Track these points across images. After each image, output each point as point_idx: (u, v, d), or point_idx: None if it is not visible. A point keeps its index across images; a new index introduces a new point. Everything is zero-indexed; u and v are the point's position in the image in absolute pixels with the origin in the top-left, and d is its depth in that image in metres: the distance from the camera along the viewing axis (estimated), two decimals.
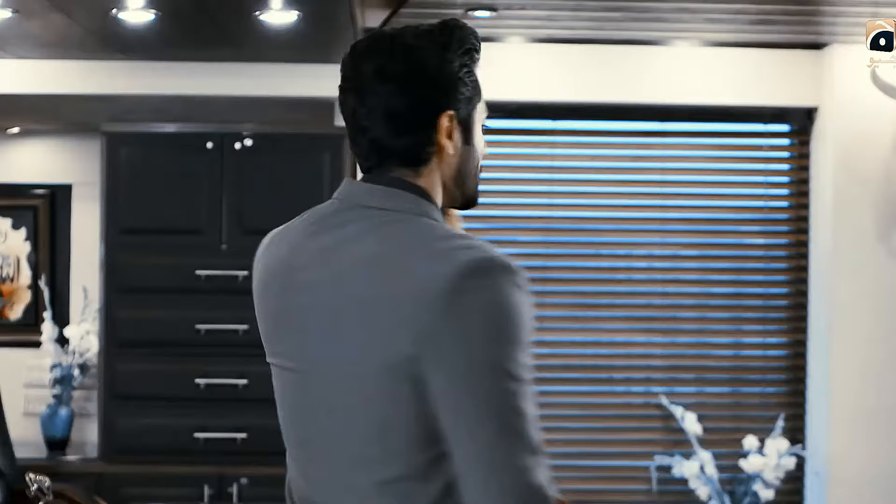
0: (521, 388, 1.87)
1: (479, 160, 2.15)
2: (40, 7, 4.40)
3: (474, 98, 2.11)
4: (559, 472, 6.24)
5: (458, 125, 2.07)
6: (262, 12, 4.54)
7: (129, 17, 4.64)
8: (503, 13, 5.29)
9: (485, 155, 2.16)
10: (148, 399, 5.85)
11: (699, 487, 6.05)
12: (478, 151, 2.14)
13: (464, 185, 2.13)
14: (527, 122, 6.32)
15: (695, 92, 6.18)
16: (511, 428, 1.85)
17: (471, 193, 2.15)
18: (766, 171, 6.42)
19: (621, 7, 5.33)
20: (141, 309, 5.82)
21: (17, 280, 6.46)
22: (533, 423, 1.87)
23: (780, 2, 5.21)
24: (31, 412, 6.32)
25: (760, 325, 6.37)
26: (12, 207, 6.45)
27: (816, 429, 6.21)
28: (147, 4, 4.43)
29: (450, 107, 2.06)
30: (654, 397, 6.25)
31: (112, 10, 4.50)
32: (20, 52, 5.63)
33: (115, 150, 5.85)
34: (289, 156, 5.84)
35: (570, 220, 6.35)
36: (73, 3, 4.42)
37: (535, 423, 1.88)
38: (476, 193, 2.16)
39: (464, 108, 2.09)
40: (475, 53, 2.10)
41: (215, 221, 5.83)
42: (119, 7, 4.47)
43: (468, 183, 2.13)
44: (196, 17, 4.75)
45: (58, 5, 4.42)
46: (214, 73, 5.90)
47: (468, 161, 2.12)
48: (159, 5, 4.47)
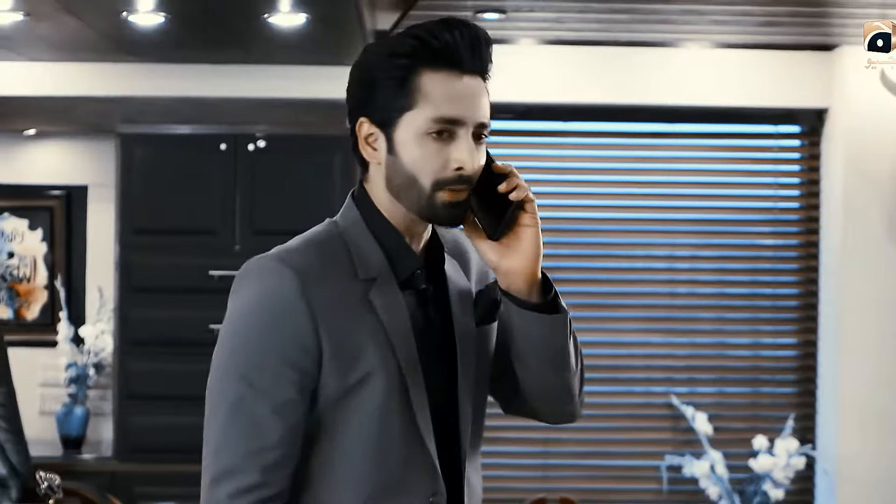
0: (241, 389, 2.00)
1: (415, 175, 2.02)
2: (51, 10, 4.45)
3: (401, 105, 2.01)
4: (571, 472, 6.30)
5: (381, 133, 2.04)
6: (271, 15, 4.59)
7: (139, 20, 4.70)
8: (512, 15, 5.34)
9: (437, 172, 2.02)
10: (162, 398, 5.91)
11: (709, 487, 6.07)
12: (406, 164, 2.02)
13: (399, 198, 2.05)
14: (536, 124, 6.37)
15: (705, 93, 6.21)
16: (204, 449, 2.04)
17: (415, 208, 2.04)
18: (777, 172, 6.44)
19: (628, 9, 5.37)
20: (155, 309, 5.88)
21: (33, 280, 6.52)
22: (244, 429, 2.00)
23: (785, 3, 5.25)
24: (47, 411, 6.38)
25: (771, 325, 6.40)
26: (29, 208, 6.51)
27: (826, 429, 6.23)
28: (157, 7, 4.49)
29: (364, 113, 2.05)
30: (665, 397, 6.27)
31: (122, 13, 4.56)
32: (34, 55, 5.70)
33: (129, 152, 5.92)
34: (301, 157, 5.89)
35: (579, 221, 6.39)
36: (83, 6, 4.48)
37: (248, 429, 2.00)
38: (428, 210, 2.03)
39: (379, 115, 2.03)
40: (412, 60, 2.01)
41: (228, 222, 5.88)
42: (129, 10, 4.53)
43: (404, 196, 2.04)
44: (205, 20, 4.80)
45: (68, 8, 4.48)
46: (227, 75, 5.96)
47: (394, 173, 2.04)
48: (169, 8, 4.52)
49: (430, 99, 1.99)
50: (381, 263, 2.07)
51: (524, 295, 2.07)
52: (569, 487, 6.19)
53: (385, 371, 2.02)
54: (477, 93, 2.03)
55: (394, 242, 2.09)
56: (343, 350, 2.01)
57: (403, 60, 2.00)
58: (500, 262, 2.06)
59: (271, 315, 2.00)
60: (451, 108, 2.00)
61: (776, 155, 6.46)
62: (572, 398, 2.19)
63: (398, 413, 2.03)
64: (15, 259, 6.52)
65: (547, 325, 2.07)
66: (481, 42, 2.04)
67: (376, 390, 2.02)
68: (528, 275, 2.06)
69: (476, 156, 2.04)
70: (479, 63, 2.04)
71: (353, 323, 2.02)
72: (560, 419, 2.25)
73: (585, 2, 5.20)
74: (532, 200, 2.06)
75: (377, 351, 2.02)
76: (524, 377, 2.16)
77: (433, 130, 2.00)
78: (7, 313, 6.49)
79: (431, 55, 1.99)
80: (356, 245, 2.08)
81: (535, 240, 2.06)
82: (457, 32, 2.00)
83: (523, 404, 2.23)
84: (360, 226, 2.09)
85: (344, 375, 2.01)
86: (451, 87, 2.00)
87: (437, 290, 2.15)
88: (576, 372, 2.17)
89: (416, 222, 2.09)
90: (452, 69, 2.00)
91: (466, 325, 2.15)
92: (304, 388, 2.01)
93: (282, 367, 2.00)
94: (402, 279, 2.08)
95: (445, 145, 2.01)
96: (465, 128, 2.02)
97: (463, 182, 2.02)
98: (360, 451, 2.03)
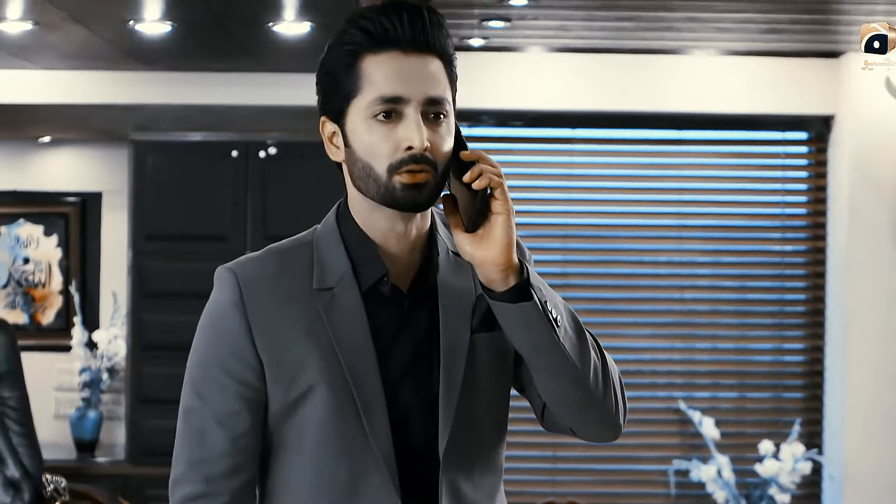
0: (191, 399, 2.06)
1: (369, 163, 1.96)
2: (59, 19, 4.52)
3: (348, 93, 1.97)
4: (579, 476, 6.35)
5: (338, 128, 2.01)
6: (276, 23, 4.65)
7: (145, 29, 4.76)
8: (517, 23, 5.38)
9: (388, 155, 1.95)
10: (174, 403, 5.92)
11: (716, 492, 6.10)
12: (360, 153, 1.98)
13: (363, 190, 2.00)
14: (545, 131, 6.40)
15: (712, 100, 6.24)
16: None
17: (377, 196, 1.98)
18: (784, 178, 6.48)
19: (632, 17, 5.41)
20: (167, 314, 5.95)
21: (48, 286, 6.61)
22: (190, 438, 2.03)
23: (788, 11, 5.28)
24: (61, 415, 6.47)
25: (778, 330, 6.42)
26: (44, 215, 6.61)
27: (833, 434, 6.25)
28: (163, 16, 4.55)
29: (324, 112, 2.04)
30: (672, 402, 6.31)
31: (129, 22, 4.63)
32: (46, 63, 5.78)
33: (142, 159, 6.00)
34: (312, 163, 5.92)
35: (588, 228, 6.42)
36: (90, 15, 4.54)
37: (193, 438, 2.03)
38: (387, 196, 1.96)
39: (333, 109, 2.01)
40: (355, 47, 1.97)
41: (240, 228, 5.95)
42: (136, 19, 4.59)
43: (364, 186, 1.99)
44: (211, 29, 4.86)
45: (76, 17, 4.55)
46: (239, 83, 6.03)
47: (353, 165, 2.00)
48: (175, 17, 4.59)
49: (373, 81, 1.94)
50: (344, 271, 2.03)
51: (499, 286, 1.95)
52: (577, 492, 6.23)
53: (328, 385, 1.99)
54: (423, 70, 1.96)
55: (361, 249, 2.04)
56: (283, 363, 2.00)
57: (348, 48, 1.97)
58: (473, 254, 1.95)
59: (213, 326, 2.04)
60: (393, 86, 1.94)
61: (784, 161, 6.49)
62: (598, 411, 2.08)
63: (346, 428, 1.99)
64: (30, 265, 6.61)
65: (516, 315, 1.95)
66: (425, 19, 1.97)
67: (319, 404, 1.99)
68: (500, 263, 1.93)
69: (427, 135, 1.95)
70: (424, 39, 1.96)
71: (296, 335, 2.00)
72: (593, 436, 2.15)
73: (589, 10, 5.25)
74: (501, 185, 1.94)
75: (321, 364, 1.99)
76: (538, 385, 2.07)
77: (378, 112, 1.94)
78: (23, 318, 6.58)
79: (372, 39, 1.95)
80: (323, 253, 2.05)
81: (506, 226, 1.94)
82: (396, 14, 1.96)
83: (553, 419, 2.15)
84: (334, 232, 2.06)
85: (286, 389, 2.00)
86: (392, 67, 1.95)
87: (427, 298, 2.07)
88: (598, 384, 2.06)
89: (392, 220, 2.01)
90: (393, 49, 1.95)
91: (456, 335, 2.06)
92: (248, 399, 2.00)
93: (224, 378, 2.01)
94: (367, 287, 2.03)
95: (394, 126, 1.94)
96: (410, 105, 1.94)
97: (417, 161, 1.94)
98: (310, 467, 2.01)
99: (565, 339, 1.99)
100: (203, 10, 4.47)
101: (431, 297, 2.06)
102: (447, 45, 2.00)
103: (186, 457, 2.01)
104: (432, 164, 1.94)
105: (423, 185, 1.94)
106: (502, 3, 5.01)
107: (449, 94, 1.99)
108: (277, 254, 2.06)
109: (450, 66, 2.00)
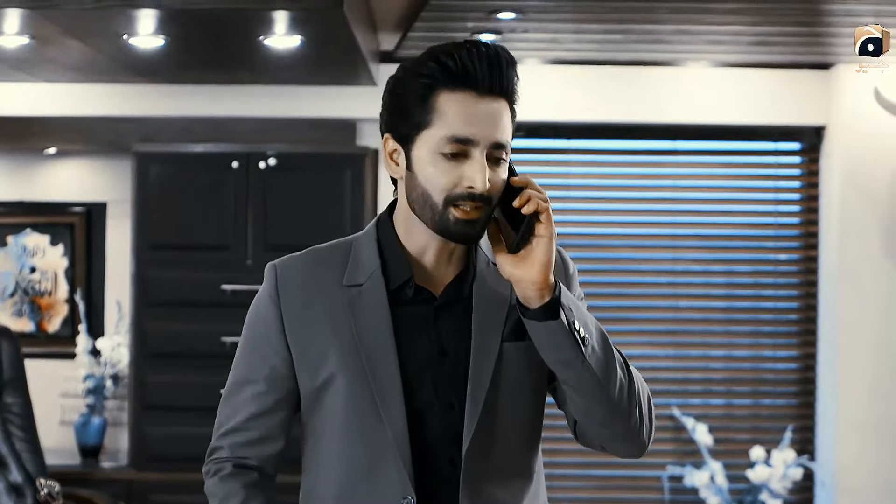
0: (231, 379, 2.28)
1: (428, 191, 2.08)
2: (54, 33, 4.60)
3: (419, 123, 2.08)
4: (575, 482, 6.42)
5: (402, 150, 2.13)
6: (267, 37, 4.72)
7: (139, 43, 4.83)
8: (507, 36, 5.46)
9: (448, 189, 2.07)
10: (176, 409, 6.05)
11: (710, 497, 6.17)
12: (421, 181, 2.09)
13: (417, 212, 2.12)
14: (542, 142, 6.50)
15: (707, 111, 6.32)
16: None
17: (430, 223, 2.10)
18: (777, 188, 6.56)
19: (622, 30, 5.48)
20: (169, 322, 6.04)
21: (54, 294, 6.70)
22: (226, 412, 2.28)
23: (777, 24, 5.34)
24: (66, 421, 6.55)
25: (772, 338, 6.51)
26: (51, 224, 6.70)
27: (825, 440, 6.31)
28: (156, 30, 4.62)
29: (389, 129, 2.15)
30: (666, 409, 6.38)
31: (123, 35, 4.70)
32: (48, 76, 5.89)
33: (145, 170, 6.08)
34: (312, 174, 6.03)
35: (582, 237, 6.50)
36: (84, 29, 4.62)
37: (229, 412, 2.27)
38: (441, 226, 2.09)
39: (400, 132, 2.11)
40: (431, 80, 2.07)
41: (241, 238, 6.03)
42: (129, 33, 4.66)
43: (419, 211, 2.11)
44: (203, 42, 4.93)
45: (70, 32, 4.63)
46: (240, 95, 6.14)
47: (411, 188, 2.12)
48: (167, 31, 4.66)
49: (446, 118, 2.05)
50: (374, 270, 2.18)
51: (534, 304, 2.06)
52: (574, 497, 6.31)
53: (347, 374, 2.15)
54: (494, 114, 2.07)
55: (393, 253, 2.18)
56: (309, 352, 2.18)
57: (424, 80, 2.06)
58: (513, 272, 2.06)
59: (253, 316, 2.25)
60: (466, 128, 2.04)
61: (777, 171, 6.58)
62: (623, 427, 2.17)
63: (364, 415, 2.15)
64: (37, 274, 6.71)
65: (544, 332, 2.07)
66: (502, 63, 2.07)
67: (340, 392, 2.16)
68: (537, 282, 2.04)
69: (489, 175, 2.06)
70: (499, 85, 2.06)
71: (322, 327, 2.17)
72: (620, 452, 2.26)
73: (578, 23, 5.31)
74: (546, 210, 2.05)
75: (342, 354, 2.15)
76: (568, 399, 2.19)
77: (447, 150, 2.06)
78: (30, 326, 6.68)
79: (450, 77, 2.04)
80: (357, 254, 2.20)
81: (546, 248, 2.05)
82: (476, 54, 2.04)
83: (585, 434, 2.25)
84: (371, 237, 2.21)
85: (311, 377, 2.19)
86: (467, 108, 2.05)
87: (459, 303, 2.19)
88: (623, 402, 2.14)
89: (434, 239, 2.15)
90: (469, 90, 2.05)
91: (486, 340, 2.17)
92: (274, 382, 2.22)
93: (257, 360, 2.23)
94: (394, 287, 2.17)
95: (459, 164, 2.06)
96: (478, 148, 2.05)
97: (474, 200, 2.05)
98: (332, 451, 2.20)
99: (591, 357, 2.10)
100: (194, 23, 4.53)
101: (465, 304, 2.20)
102: (516, 90, 2.12)
103: (221, 427, 2.27)
104: (488, 201, 2.07)
105: (476, 221, 2.07)
106: (491, 17, 5.09)
107: (510, 138, 2.12)
108: (315, 253, 2.24)
109: (513, 109, 2.13)
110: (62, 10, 4.11)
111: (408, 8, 5.01)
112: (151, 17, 4.37)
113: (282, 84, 6.05)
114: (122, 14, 4.27)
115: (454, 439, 2.16)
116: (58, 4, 4.07)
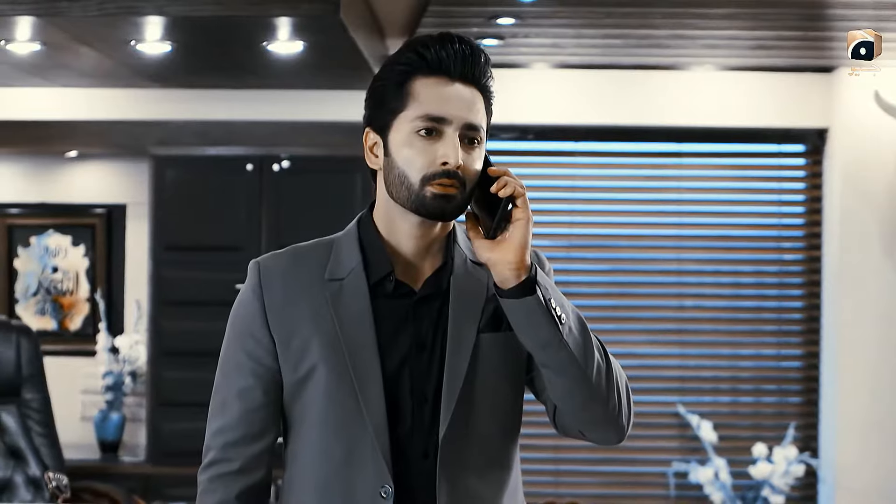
0: (218, 377, 2.31)
1: (405, 171, 2.15)
2: (64, 40, 4.71)
3: (395, 107, 2.16)
4: (581, 477, 6.50)
5: (380, 139, 2.20)
6: (270, 43, 4.82)
7: (147, 49, 4.93)
8: (510, 41, 5.54)
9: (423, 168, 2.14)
10: (193, 405, 6.12)
11: (713, 493, 6.24)
12: (398, 163, 2.16)
13: (396, 195, 2.18)
14: (549, 144, 6.59)
15: (710, 114, 6.40)
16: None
17: (407, 203, 2.16)
18: (781, 189, 6.64)
19: (620, 34, 5.56)
20: (185, 321, 6.16)
21: (76, 293, 6.85)
22: (215, 410, 2.32)
23: (773, 28, 5.40)
24: (87, 417, 6.69)
25: (775, 337, 6.58)
26: (73, 226, 6.84)
27: (828, 438, 6.38)
28: (163, 36, 4.72)
29: (369, 123, 2.24)
30: (672, 406, 6.47)
31: (131, 42, 4.80)
32: (64, 81, 6.03)
33: (161, 173, 6.21)
34: (324, 177, 6.14)
35: (589, 238, 6.60)
36: (93, 35, 4.71)
37: (217, 410, 2.31)
38: (417, 203, 2.15)
39: (379, 121, 2.20)
40: (408, 67, 2.16)
41: (255, 239, 6.14)
42: (137, 39, 4.75)
43: (396, 193, 2.17)
44: (209, 48, 5.04)
45: (78, 38, 4.74)
46: (253, 99, 6.27)
47: (389, 173, 2.18)
48: (173, 37, 4.76)
49: (420, 100, 2.14)
50: (354, 266, 2.23)
51: (511, 283, 2.12)
52: (579, 493, 6.39)
53: (328, 365, 2.19)
54: (466, 97, 2.16)
55: (374, 249, 2.23)
56: (291, 344, 2.22)
57: (400, 68, 2.16)
58: (490, 256, 2.13)
59: (237, 311, 2.28)
60: (438, 107, 2.13)
61: (780, 173, 6.65)
62: (601, 410, 2.20)
63: (343, 406, 2.19)
64: (59, 273, 6.85)
65: (521, 309, 2.12)
66: (476, 54, 2.17)
67: (320, 383, 2.20)
68: (513, 262, 2.11)
69: (462, 156, 2.14)
70: (472, 73, 2.17)
71: (304, 320, 2.22)
72: (600, 438, 2.28)
73: (577, 27, 5.39)
74: (522, 195, 2.12)
75: (323, 346, 2.20)
76: (546, 383, 2.21)
77: (421, 128, 2.14)
78: (52, 325, 6.82)
79: (425, 63, 2.14)
80: (339, 250, 2.25)
81: (523, 230, 2.12)
82: (450, 45, 2.15)
83: (563, 421, 2.28)
84: (352, 234, 2.26)
85: (294, 368, 2.22)
86: (439, 91, 2.14)
87: (437, 298, 2.24)
88: (602, 384, 2.18)
89: (413, 226, 2.21)
90: (442, 76, 2.15)
91: (462, 332, 2.22)
92: (261, 376, 2.24)
93: (242, 356, 2.25)
94: (374, 282, 2.22)
95: (433, 142, 2.13)
96: (451, 126, 2.14)
97: (449, 176, 2.13)
98: (312, 441, 2.23)
99: (569, 336, 2.14)
100: (198, 29, 4.63)
101: (442, 298, 2.25)
102: (489, 82, 2.23)
103: (211, 426, 2.31)
104: (462, 181, 2.15)
105: (451, 198, 2.14)
106: (491, 23, 5.18)
107: (484, 124, 2.20)
108: (298, 250, 2.30)
109: (488, 102, 2.22)
110: (67, 17, 4.21)
111: (409, 14, 5.10)
112: (156, 24, 4.47)
113: (292, 89, 6.17)
114: (127, 21, 4.36)
115: (430, 431, 2.21)
116: (63, 12, 4.16)
